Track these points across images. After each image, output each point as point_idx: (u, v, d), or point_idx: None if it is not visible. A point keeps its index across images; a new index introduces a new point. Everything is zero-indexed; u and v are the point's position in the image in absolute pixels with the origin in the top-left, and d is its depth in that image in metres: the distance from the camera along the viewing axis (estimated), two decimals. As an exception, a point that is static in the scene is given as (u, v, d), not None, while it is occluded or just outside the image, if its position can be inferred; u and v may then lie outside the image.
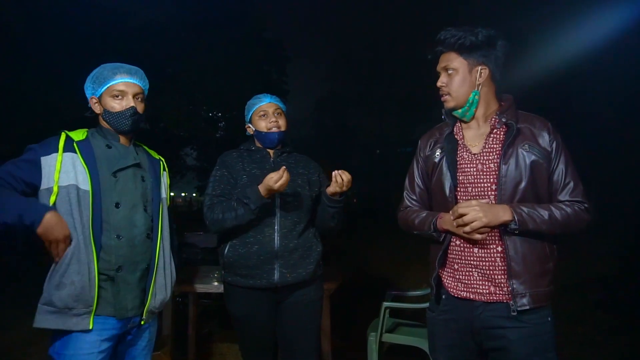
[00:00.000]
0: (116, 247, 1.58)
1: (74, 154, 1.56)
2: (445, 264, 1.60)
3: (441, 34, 1.57)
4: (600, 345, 3.58)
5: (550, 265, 1.49)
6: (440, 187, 1.59)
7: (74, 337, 1.52)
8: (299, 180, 2.04)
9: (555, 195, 1.50)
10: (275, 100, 2.13)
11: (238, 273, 1.94)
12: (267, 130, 2.05)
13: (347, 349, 3.46)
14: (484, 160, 1.52)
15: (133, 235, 1.62)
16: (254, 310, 1.96)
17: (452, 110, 1.61)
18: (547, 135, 1.51)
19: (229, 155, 2.09)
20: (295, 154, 2.18)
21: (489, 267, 1.48)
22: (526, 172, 1.47)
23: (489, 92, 1.58)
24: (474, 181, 1.53)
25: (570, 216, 1.45)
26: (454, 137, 1.62)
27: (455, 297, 1.55)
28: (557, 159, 1.50)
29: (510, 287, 1.44)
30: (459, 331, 1.54)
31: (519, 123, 1.53)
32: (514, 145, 1.49)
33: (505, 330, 1.45)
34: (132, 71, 1.70)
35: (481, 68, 1.54)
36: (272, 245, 1.91)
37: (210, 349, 3.54)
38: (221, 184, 2.00)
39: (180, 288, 2.81)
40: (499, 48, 1.54)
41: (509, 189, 1.47)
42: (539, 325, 1.45)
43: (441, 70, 1.60)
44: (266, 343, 2.03)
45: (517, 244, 1.45)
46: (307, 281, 1.98)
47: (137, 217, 1.65)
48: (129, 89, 1.67)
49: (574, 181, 1.49)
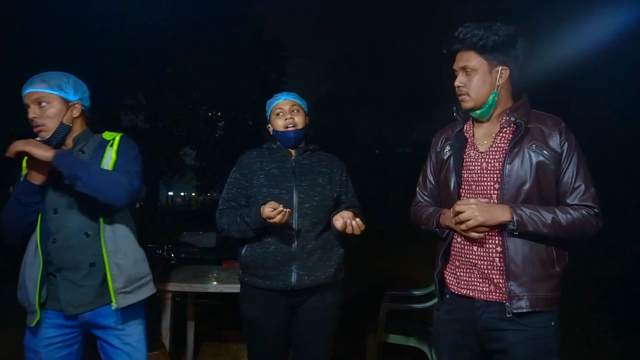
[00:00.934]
0: (53, 250, 1.66)
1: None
2: (448, 261, 1.61)
3: (460, 31, 1.50)
4: (598, 346, 3.58)
5: (556, 270, 1.44)
6: (446, 183, 1.58)
7: (29, 330, 1.71)
8: (319, 180, 1.96)
9: (563, 198, 1.45)
10: (292, 97, 2.06)
11: (255, 274, 1.89)
12: (283, 129, 2.00)
13: (346, 349, 3.46)
14: (489, 159, 1.50)
15: (67, 236, 1.66)
16: (268, 313, 1.89)
17: (470, 110, 1.56)
18: (558, 136, 1.45)
19: (248, 155, 2.04)
20: (320, 152, 2.10)
21: (488, 266, 1.47)
22: (531, 173, 1.43)
23: (507, 92, 1.54)
24: (477, 179, 1.51)
25: (577, 221, 1.40)
26: (464, 135, 1.61)
27: (457, 294, 1.55)
28: (567, 161, 1.44)
29: (507, 288, 1.42)
30: (462, 332, 1.53)
31: (530, 122, 1.48)
32: (521, 144, 1.45)
33: (505, 332, 1.43)
34: (33, 80, 1.69)
35: (502, 68, 1.49)
36: (289, 246, 1.85)
37: (209, 349, 3.53)
38: (233, 187, 1.98)
39: (179, 288, 2.81)
40: (519, 47, 1.49)
41: (512, 189, 1.44)
42: (541, 329, 1.42)
43: (459, 69, 1.54)
44: (277, 350, 1.92)
45: (519, 246, 1.42)
46: (326, 285, 1.90)
47: (69, 218, 1.67)
48: (28, 100, 1.69)
49: (585, 185, 1.43)
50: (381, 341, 2.88)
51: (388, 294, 3.12)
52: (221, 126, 17.04)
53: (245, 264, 1.91)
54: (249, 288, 1.93)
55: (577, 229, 1.41)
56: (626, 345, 3.58)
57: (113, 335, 1.74)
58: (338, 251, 1.95)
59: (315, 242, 1.87)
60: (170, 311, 2.86)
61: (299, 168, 1.96)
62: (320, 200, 1.92)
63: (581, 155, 1.46)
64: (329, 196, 1.96)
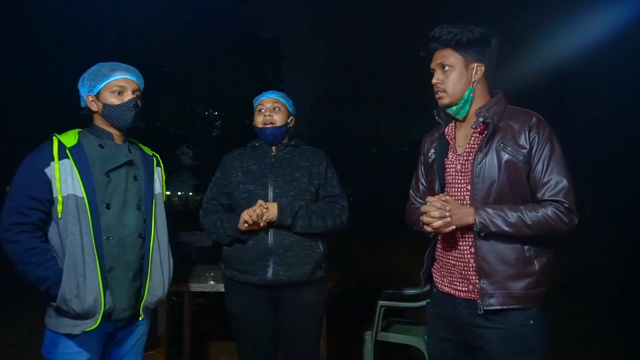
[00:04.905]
0: (106, 247, 1.57)
1: (68, 160, 1.55)
2: (435, 260, 1.67)
3: (436, 31, 1.54)
4: (595, 344, 3.60)
5: (534, 268, 1.43)
6: (432, 186, 1.63)
7: (63, 337, 1.54)
8: (296, 174, 1.98)
9: (535, 193, 1.44)
10: (275, 95, 2.09)
11: (235, 268, 1.94)
12: (261, 126, 2.05)
13: (343, 348, 3.46)
14: (463, 161, 1.54)
15: (123, 235, 1.62)
16: (250, 307, 1.93)
17: (446, 107, 1.58)
18: (527, 131, 1.44)
19: (230, 154, 2.13)
20: (303, 147, 2.12)
21: (464, 266, 1.51)
22: (500, 172, 1.44)
23: (483, 90, 1.57)
24: (453, 181, 1.56)
25: (546, 218, 1.37)
26: (445, 137, 1.64)
27: (441, 292, 1.60)
28: (538, 155, 1.43)
29: (479, 286, 1.45)
30: (446, 326, 1.58)
31: (503, 120, 1.50)
32: (491, 144, 1.47)
33: (483, 330, 1.46)
34: (129, 69, 1.71)
35: (477, 65, 1.52)
36: (265, 241, 1.88)
37: (206, 348, 3.53)
38: (215, 186, 2.08)
39: (175, 287, 2.80)
40: (493, 45, 1.53)
41: (482, 189, 1.46)
42: (518, 327, 1.43)
43: (436, 67, 1.57)
44: (262, 344, 1.95)
45: (491, 245, 1.43)
46: (305, 282, 1.91)
47: (127, 217, 1.64)
48: (128, 85, 1.68)
49: (555, 179, 1.40)
50: (378, 339, 2.88)
51: (384, 292, 3.13)
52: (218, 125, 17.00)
53: (226, 258, 1.98)
54: (230, 282, 1.99)
55: (546, 227, 1.38)
56: (624, 344, 3.59)
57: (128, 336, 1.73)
58: (317, 249, 1.94)
59: (292, 238, 1.89)
60: (166, 311, 2.85)
61: (278, 163, 2.01)
62: (296, 195, 1.93)
63: (555, 148, 1.43)
64: (306, 190, 1.96)
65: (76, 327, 1.51)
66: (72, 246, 1.49)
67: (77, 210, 1.51)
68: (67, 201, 1.51)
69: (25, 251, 1.47)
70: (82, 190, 1.53)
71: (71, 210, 1.50)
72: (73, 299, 1.47)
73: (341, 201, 2.01)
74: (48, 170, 1.52)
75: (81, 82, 1.70)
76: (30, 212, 1.49)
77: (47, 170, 1.52)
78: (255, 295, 1.92)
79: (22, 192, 1.51)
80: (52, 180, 1.52)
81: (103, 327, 1.57)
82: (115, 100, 1.65)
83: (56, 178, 1.51)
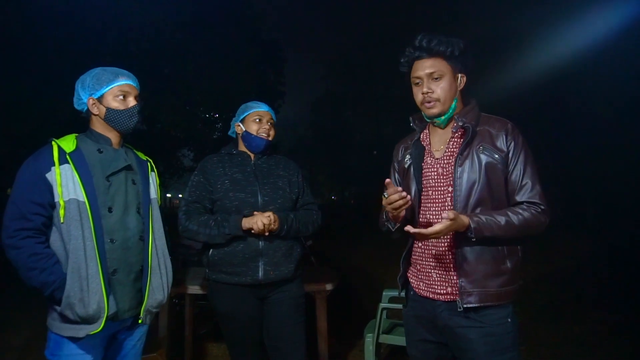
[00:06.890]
0: (110, 250, 1.59)
1: (69, 166, 1.56)
2: (410, 264, 1.69)
3: (423, 41, 1.55)
4: (597, 344, 3.59)
5: (507, 266, 1.50)
6: (408, 191, 1.61)
7: (67, 340, 1.55)
8: (279, 182, 2.13)
9: (512, 195, 1.52)
10: (271, 111, 2.22)
11: (223, 271, 2.02)
12: (256, 134, 2.12)
13: (344, 350, 3.46)
14: (444, 164, 1.58)
15: (126, 237, 1.64)
16: (239, 306, 2.03)
17: (435, 117, 1.61)
18: (505, 136, 1.52)
19: (209, 160, 2.17)
20: (275, 155, 2.26)
21: (445, 268, 1.55)
22: (481, 174, 1.49)
23: (460, 98, 1.62)
24: (434, 185, 1.58)
25: (527, 220, 1.47)
26: (421, 143, 1.68)
27: (420, 295, 1.62)
28: (515, 159, 1.51)
29: (459, 284, 1.49)
30: (426, 327, 1.61)
31: (479, 126, 1.56)
32: (471, 147, 1.52)
33: (464, 329, 1.50)
34: (130, 75, 1.75)
35: (461, 75, 1.59)
36: (256, 243, 2.00)
37: (207, 350, 3.53)
38: (197, 189, 2.10)
39: (176, 289, 2.81)
40: (470, 57, 1.60)
41: (464, 191, 1.50)
42: (497, 326, 1.48)
43: (425, 76, 1.57)
44: (251, 339, 2.08)
45: (471, 245, 1.48)
46: (288, 279, 2.08)
47: (129, 219, 1.67)
48: (131, 90, 1.72)
49: (531, 182, 1.50)
50: (379, 342, 2.88)
51: (386, 294, 3.13)
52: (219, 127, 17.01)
53: (213, 263, 2.05)
54: (217, 285, 2.07)
55: (528, 228, 1.47)
56: (625, 345, 3.58)
57: (129, 337, 1.74)
58: (297, 249, 2.13)
59: (279, 240, 2.04)
60: (167, 313, 2.86)
61: (259, 172, 2.12)
62: (283, 202, 2.09)
63: (528, 154, 1.53)
64: (289, 198, 2.13)
65: (80, 331, 1.52)
66: (75, 250, 1.50)
67: (79, 214, 1.52)
68: (69, 206, 1.52)
69: (29, 256, 1.48)
70: (83, 194, 1.54)
71: (73, 215, 1.52)
72: (77, 302, 1.48)
73: (315, 207, 2.24)
74: (49, 175, 1.53)
75: (81, 84, 1.70)
76: (34, 217, 1.50)
77: (48, 175, 1.53)
78: (245, 294, 2.03)
79: (25, 197, 1.52)
80: (54, 185, 1.53)
81: (107, 329, 1.58)
82: (120, 105, 1.68)
83: (57, 183, 1.52)
